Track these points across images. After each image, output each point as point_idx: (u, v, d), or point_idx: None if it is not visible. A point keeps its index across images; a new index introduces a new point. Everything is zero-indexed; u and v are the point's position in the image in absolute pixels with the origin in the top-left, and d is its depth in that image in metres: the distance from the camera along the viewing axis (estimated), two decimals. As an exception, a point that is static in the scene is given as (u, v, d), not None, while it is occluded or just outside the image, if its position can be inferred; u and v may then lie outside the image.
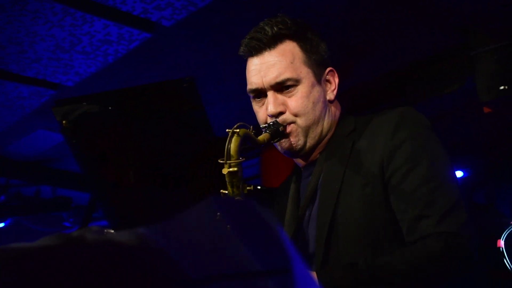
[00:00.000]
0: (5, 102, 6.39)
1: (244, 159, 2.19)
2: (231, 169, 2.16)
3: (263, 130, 2.37)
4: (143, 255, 0.86)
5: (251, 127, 2.28)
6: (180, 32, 4.91)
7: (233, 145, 2.15)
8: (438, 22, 5.01)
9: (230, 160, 2.16)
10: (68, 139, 3.60)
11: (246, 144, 2.24)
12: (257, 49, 2.41)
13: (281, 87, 2.39)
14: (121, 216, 3.74)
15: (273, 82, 2.37)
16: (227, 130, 2.18)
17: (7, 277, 0.88)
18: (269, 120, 2.39)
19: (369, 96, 6.37)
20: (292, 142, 2.41)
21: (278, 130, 2.35)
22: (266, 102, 2.42)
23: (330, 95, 2.50)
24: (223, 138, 2.19)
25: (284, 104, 2.39)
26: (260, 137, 2.30)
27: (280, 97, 2.39)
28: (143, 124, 3.62)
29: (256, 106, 2.49)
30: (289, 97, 2.39)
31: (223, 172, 2.17)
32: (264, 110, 2.43)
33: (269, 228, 0.86)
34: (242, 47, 2.46)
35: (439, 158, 2.28)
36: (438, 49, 5.63)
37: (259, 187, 3.99)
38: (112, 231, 0.88)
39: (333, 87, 2.52)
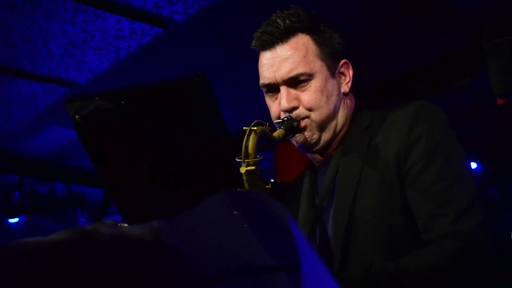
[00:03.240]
0: (19, 100, 6.41)
1: (262, 157, 2.16)
2: (249, 168, 2.12)
3: (277, 125, 2.34)
4: (156, 249, 0.86)
5: (267, 124, 2.24)
6: (192, 26, 4.91)
7: (251, 143, 2.12)
8: (451, 17, 4.99)
9: (248, 158, 2.12)
10: (81, 135, 3.60)
11: (262, 141, 2.20)
12: (269, 43, 2.37)
13: (294, 82, 2.34)
14: (134, 210, 3.75)
15: (286, 77, 2.33)
16: (244, 128, 2.14)
17: (23, 270, 0.89)
18: (282, 115, 2.36)
19: (382, 94, 6.36)
20: (307, 137, 2.38)
21: (293, 125, 2.32)
22: (279, 97, 2.38)
23: (345, 88, 2.46)
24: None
25: (297, 99, 2.34)
26: (275, 133, 2.26)
27: (293, 91, 2.35)
28: (156, 120, 3.62)
29: (269, 100, 2.45)
30: (303, 91, 2.34)
31: (240, 171, 2.13)
32: (277, 105, 2.40)
33: (282, 222, 0.86)
34: (254, 41, 2.42)
35: (456, 154, 2.24)
36: (451, 44, 5.61)
37: (272, 180, 3.99)
38: (126, 225, 0.88)
39: (347, 80, 2.48)
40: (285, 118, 2.32)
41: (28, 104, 6.52)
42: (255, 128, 2.14)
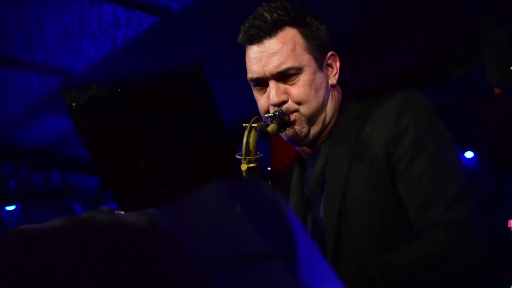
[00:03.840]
0: (14, 90, 6.41)
1: (262, 154, 2.13)
2: (250, 165, 2.10)
3: (268, 120, 2.31)
4: (152, 236, 0.86)
5: (263, 119, 2.25)
6: (188, 14, 4.90)
7: (251, 140, 2.10)
8: (447, 8, 4.99)
9: (249, 155, 2.11)
10: (77, 123, 3.60)
11: (259, 137, 2.18)
12: (257, 37, 2.35)
13: (283, 76, 2.32)
14: (131, 198, 3.75)
15: (274, 71, 2.32)
16: (244, 124, 2.13)
17: (19, 257, 0.89)
18: (271, 110, 2.34)
19: (381, 86, 6.37)
20: (297, 130, 2.36)
21: (284, 119, 2.30)
22: (267, 91, 2.36)
23: (332, 80, 2.44)
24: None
25: (286, 92, 2.33)
26: (269, 128, 2.23)
27: (282, 86, 2.33)
28: (153, 109, 3.62)
29: (257, 94, 2.43)
30: (291, 85, 2.33)
31: (242, 168, 2.10)
32: (265, 99, 2.37)
33: (278, 210, 0.86)
34: (241, 35, 2.39)
35: (444, 143, 2.25)
36: (447, 35, 5.61)
37: (269, 169, 3.99)
38: (122, 212, 0.88)
39: (334, 71, 2.45)
40: (277, 113, 2.30)
41: (24, 94, 6.52)
42: (255, 124, 2.12)
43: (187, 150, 3.63)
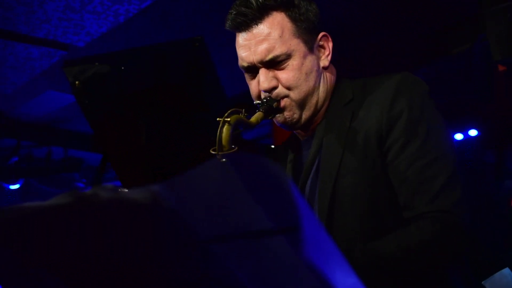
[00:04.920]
0: (15, 64, 6.40)
1: (236, 148, 2.11)
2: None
3: (257, 107, 2.30)
4: (155, 212, 0.86)
5: (243, 110, 2.20)
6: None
7: (224, 134, 2.08)
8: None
9: (222, 150, 2.08)
10: (79, 99, 3.59)
11: (238, 129, 2.19)
12: (244, 25, 2.31)
13: (273, 62, 2.29)
14: (133, 175, 3.75)
15: (263, 59, 2.28)
16: (217, 119, 2.12)
17: (23, 234, 0.89)
18: (263, 95, 2.32)
19: (381, 56, 6.35)
20: (287, 116, 2.34)
21: (272, 106, 2.29)
22: (257, 77, 2.34)
23: (325, 62, 2.39)
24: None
25: (276, 77, 2.30)
26: (253, 118, 2.22)
27: (271, 71, 2.30)
28: (155, 83, 3.61)
29: (248, 79, 2.40)
30: (281, 70, 2.30)
31: None
32: (256, 83, 2.34)
33: (281, 185, 0.86)
34: (228, 22, 2.35)
35: (436, 128, 2.22)
36: (448, 10, 5.59)
37: (272, 146, 3.99)
38: (126, 189, 0.88)
39: (327, 53, 2.40)
40: (264, 100, 2.29)
41: (25, 68, 6.50)
42: (229, 119, 2.10)
43: (187, 128, 3.63)
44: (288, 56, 2.28)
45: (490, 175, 6.98)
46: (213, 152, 2.11)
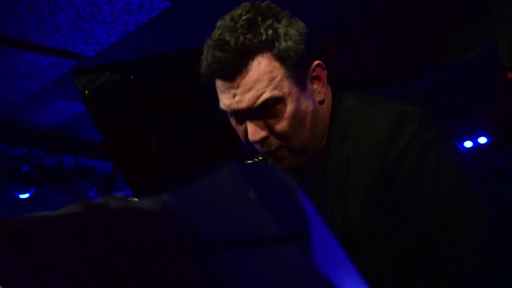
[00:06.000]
0: (26, 73, 6.43)
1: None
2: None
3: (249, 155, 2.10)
4: (167, 222, 0.87)
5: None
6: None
7: None
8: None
9: None
10: (89, 108, 3.60)
11: None
12: (222, 73, 1.97)
13: (261, 110, 1.97)
14: (143, 182, 3.75)
15: (252, 107, 1.96)
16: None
17: (33, 243, 0.89)
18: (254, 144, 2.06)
19: (391, 62, 6.35)
20: (287, 165, 2.07)
21: (267, 162, 2.02)
22: (245, 125, 2.03)
23: (320, 95, 2.09)
24: None
25: (267, 126, 2.01)
26: None
27: (261, 121, 2.00)
28: (164, 91, 3.62)
29: (233, 122, 2.09)
30: (272, 118, 1.99)
31: None
32: (243, 131, 2.05)
33: (291, 194, 0.86)
34: (203, 69, 2.02)
35: (445, 167, 1.94)
36: (458, 15, 5.58)
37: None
38: (136, 199, 0.88)
39: (322, 83, 2.08)
40: (259, 159, 2.02)
41: (36, 77, 6.53)
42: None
43: (197, 136, 3.64)
44: (279, 101, 1.97)
45: (503, 181, 6.96)
46: None
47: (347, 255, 0.94)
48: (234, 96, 1.97)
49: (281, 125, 1.99)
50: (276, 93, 1.95)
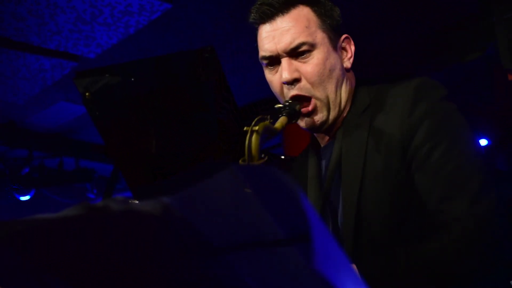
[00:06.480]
0: (27, 75, 6.43)
1: (266, 157, 2.03)
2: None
3: (279, 111, 2.19)
4: (167, 225, 0.87)
5: (268, 116, 2.10)
6: (200, 0, 4.90)
7: (254, 144, 1.98)
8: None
9: (252, 161, 1.98)
10: (90, 110, 3.60)
11: (264, 136, 2.04)
12: (269, 15, 2.24)
13: (296, 52, 2.22)
14: (144, 186, 3.75)
15: (287, 48, 2.21)
16: (244, 128, 2.01)
17: (34, 245, 0.89)
18: (285, 89, 2.25)
19: (392, 63, 6.35)
20: (316, 120, 2.27)
21: (295, 109, 2.19)
22: (280, 70, 2.26)
23: (347, 63, 2.34)
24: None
25: (299, 70, 2.23)
26: (277, 124, 2.12)
27: (295, 63, 2.23)
28: (165, 93, 3.62)
29: (269, 74, 2.32)
30: (304, 63, 2.23)
31: None
32: (278, 78, 2.27)
33: (292, 196, 0.86)
34: (252, 14, 2.29)
35: (462, 132, 2.15)
36: (459, 17, 5.59)
37: (282, 157, 3.97)
38: (136, 201, 0.88)
39: (349, 55, 2.35)
40: (286, 103, 2.20)
41: (36, 79, 6.54)
42: (256, 127, 2.00)
43: (198, 138, 3.64)
44: (312, 47, 2.22)
45: (503, 182, 6.95)
46: (242, 163, 1.99)
47: (347, 256, 0.94)
48: (274, 38, 2.24)
49: (312, 69, 2.23)
50: (309, 39, 2.22)
